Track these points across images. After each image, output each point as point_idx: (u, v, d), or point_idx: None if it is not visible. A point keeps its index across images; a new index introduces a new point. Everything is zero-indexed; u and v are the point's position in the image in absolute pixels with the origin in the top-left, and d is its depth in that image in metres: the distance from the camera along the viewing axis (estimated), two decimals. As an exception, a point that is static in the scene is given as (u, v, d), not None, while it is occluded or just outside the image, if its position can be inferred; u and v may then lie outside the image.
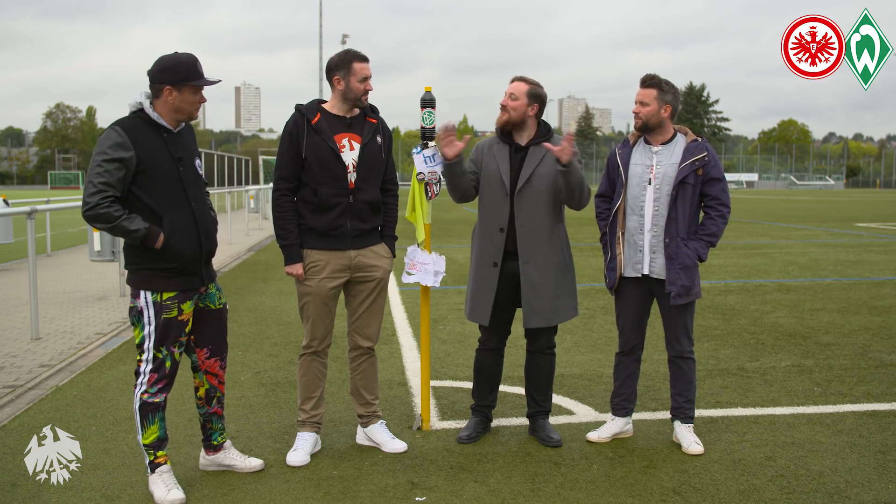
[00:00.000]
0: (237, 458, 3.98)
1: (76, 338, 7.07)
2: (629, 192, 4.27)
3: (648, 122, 4.20)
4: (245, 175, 32.16)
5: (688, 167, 4.14)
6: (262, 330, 7.39)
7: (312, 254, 4.12)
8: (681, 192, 4.16)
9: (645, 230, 4.23)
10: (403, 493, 3.72)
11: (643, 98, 4.20)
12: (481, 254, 4.33)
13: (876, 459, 4.11)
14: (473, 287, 4.37)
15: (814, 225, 22.55)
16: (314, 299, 4.13)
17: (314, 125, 4.06)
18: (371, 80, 4.11)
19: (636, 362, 4.45)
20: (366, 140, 4.13)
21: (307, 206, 4.10)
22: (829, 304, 8.79)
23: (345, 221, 4.09)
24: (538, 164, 4.26)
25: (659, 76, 4.23)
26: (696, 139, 4.25)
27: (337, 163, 4.05)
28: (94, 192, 3.43)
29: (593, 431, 4.42)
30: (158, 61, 3.58)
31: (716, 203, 4.22)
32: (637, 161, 4.28)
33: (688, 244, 4.18)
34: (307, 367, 4.23)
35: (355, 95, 4.08)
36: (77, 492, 3.71)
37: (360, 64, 4.07)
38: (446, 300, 8.94)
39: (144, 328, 3.61)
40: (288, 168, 4.09)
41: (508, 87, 4.30)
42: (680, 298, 4.17)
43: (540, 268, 4.27)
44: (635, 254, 4.27)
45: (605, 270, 4.42)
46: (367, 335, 4.30)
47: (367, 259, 4.18)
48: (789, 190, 79.29)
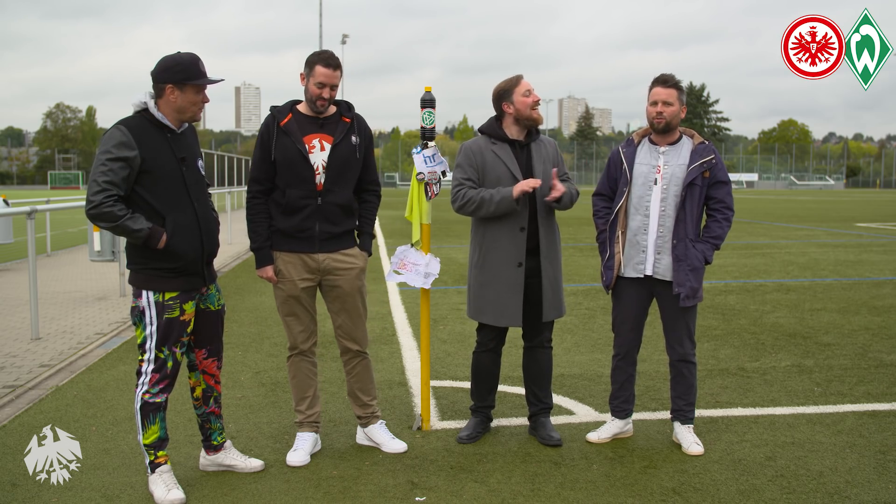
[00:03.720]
0: (237, 459, 3.98)
1: (76, 338, 7.08)
2: (633, 192, 4.24)
3: (672, 122, 4.14)
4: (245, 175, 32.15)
5: (696, 169, 4.12)
6: (262, 330, 7.39)
7: (282, 256, 4.09)
8: (689, 193, 4.13)
9: (650, 230, 4.20)
10: (403, 493, 3.72)
11: (667, 98, 4.12)
12: (503, 255, 4.25)
13: (876, 459, 4.11)
14: (498, 290, 4.25)
15: (814, 225, 22.55)
16: (288, 301, 4.12)
17: (283, 127, 4.02)
18: (333, 89, 3.98)
19: (632, 365, 4.43)
20: (337, 140, 4.06)
21: (277, 207, 4.08)
22: (829, 304, 8.79)
23: (313, 224, 4.05)
24: (542, 161, 4.30)
25: (675, 76, 4.19)
26: (703, 142, 4.22)
27: (304, 164, 4.00)
28: (97, 190, 3.43)
29: (593, 432, 4.42)
30: (161, 61, 3.59)
31: (721, 206, 4.21)
32: (642, 160, 4.24)
33: (696, 246, 4.16)
34: (296, 367, 4.23)
35: (310, 97, 4.00)
36: (77, 492, 3.72)
37: (323, 69, 3.95)
38: (446, 300, 8.93)
39: (146, 328, 3.61)
40: (260, 170, 4.06)
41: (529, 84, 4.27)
42: (689, 300, 4.15)
43: (554, 263, 4.34)
44: (637, 254, 4.24)
45: (602, 269, 4.38)
46: (354, 338, 4.26)
47: (337, 263, 4.12)
48: (789, 190, 79.28)
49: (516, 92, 4.23)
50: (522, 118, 4.25)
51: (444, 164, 4.48)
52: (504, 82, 4.30)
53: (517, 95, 4.23)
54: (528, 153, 4.31)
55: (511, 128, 4.30)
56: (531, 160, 4.29)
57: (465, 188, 4.25)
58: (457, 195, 4.28)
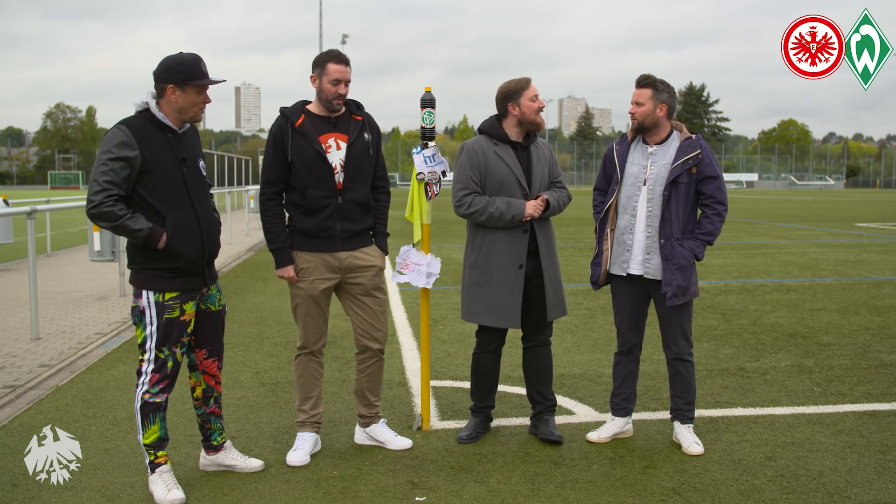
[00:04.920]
0: (237, 459, 3.98)
1: (76, 338, 7.08)
2: (623, 191, 4.28)
3: (644, 122, 4.20)
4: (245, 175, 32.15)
5: (679, 167, 4.13)
6: (262, 330, 7.39)
7: (302, 255, 4.10)
8: (673, 192, 4.15)
9: (637, 230, 4.22)
10: (403, 493, 3.72)
11: (638, 98, 4.20)
12: (503, 257, 4.25)
13: (876, 459, 4.11)
14: (499, 292, 4.26)
15: (814, 225, 22.55)
16: (306, 301, 4.12)
17: (298, 128, 4.03)
18: (347, 85, 4.01)
19: (635, 362, 4.45)
20: (352, 139, 4.09)
21: (296, 208, 4.08)
22: (829, 304, 8.79)
23: (334, 223, 4.07)
24: (541, 164, 4.33)
25: (654, 76, 4.22)
26: (689, 136, 4.22)
27: (323, 164, 4.02)
28: (98, 190, 3.43)
29: (593, 432, 4.42)
30: (163, 61, 3.59)
31: (711, 202, 4.20)
32: (633, 160, 4.28)
33: (683, 244, 4.16)
34: (304, 367, 4.23)
35: (326, 97, 4.02)
36: (77, 492, 3.72)
37: (335, 65, 3.99)
38: (446, 300, 8.93)
39: (146, 328, 3.61)
40: (274, 172, 4.07)
41: (536, 90, 4.28)
42: (676, 299, 4.16)
43: (554, 262, 4.37)
44: (623, 252, 4.27)
45: (591, 265, 4.44)
46: (376, 337, 4.27)
47: (358, 261, 4.15)
48: (789, 190, 79.29)
49: (524, 95, 4.23)
50: (526, 122, 4.25)
51: (444, 163, 4.49)
52: (513, 83, 4.27)
53: (525, 99, 4.22)
54: (529, 156, 4.32)
55: (512, 129, 4.30)
56: (531, 163, 4.30)
57: (472, 195, 4.23)
58: (462, 201, 4.25)
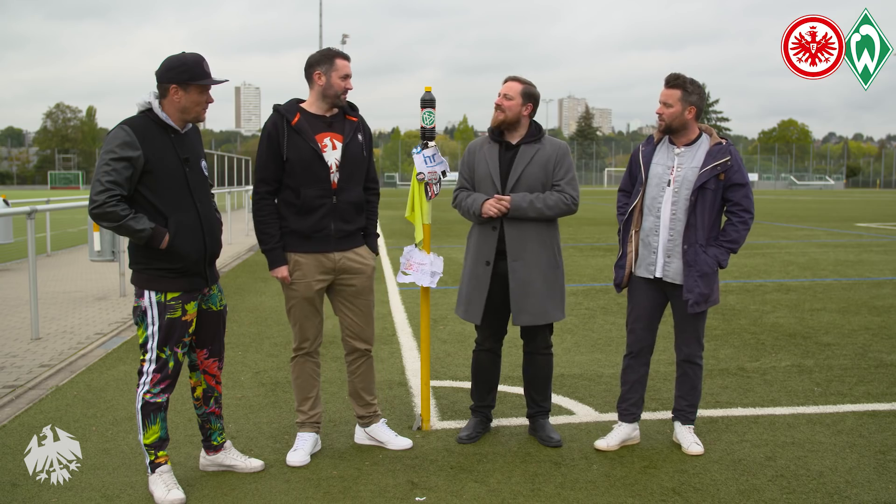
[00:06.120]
0: (238, 459, 3.98)
1: (76, 338, 7.08)
2: (648, 192, 4.20)
3: (672, 123, 4.11)
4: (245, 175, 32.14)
5: (708, 172, 4.03)
6: (262, 330, 7.39)
7: (296, 256, 4.09)
8: (700, 197, 4.05)
9: (661, 232, 4.15)
10: (403, 493, 3.72)
11: (667, 99, 4.09)
12: (476, 253, 4.34)
13: (876, 459, 4.11)
14: (468, 287, 4.36)
15: (814, 225, 22.55)
16: (301, 302, 4.12)
17: (294, 126, 4.01)
18: (351, 80, 4.07)
19: (645, 366, 4.37)
20: (347, 139, 4.09)
21: (290, 208, 4.06)
22: (829, 304, 8.79)
23: (329, 223, 4.06)
24: (528, 164, 4.24)
25: (684, 76, 4.11)
26: (720, 142, 4.11)
27: (319, 163, 4.01)
28: (101, 190, 3.43)
29: (601, 439, 4.31)
30: (165, 61, 3.59)
31: (738, 209, 4.10)
32: (659, 161, 4.20)
33: (707, 251, 4.07)
34: (300, 368, 4.23)
35: (335, 92, 4.03)
36: (77, 492, 3.72)
37: (342, 61, 4.05)
38: (446, 300, 8.93)
39: (148, 328, 3.62)
40: (268, 171, 4.04)
41: (502, 87, 4.29)
42: (698, 307, 4.08)
43: (529, 266, 4.24)
44: (649, 255, 4.20)
45: (615, 267, 4.37)
46: (364, 338, 4.27)
47: (351, 262, 4.14)
48: (789, 190, 79.26)
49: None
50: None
51: (444, 164, 4.49)
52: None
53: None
54: (514, 155, 4.29)
55: (513, 133, 4.32)
56: (512, 163, 4.26)
57: (461, 190, 4.40)
58: (454, 196, 4.44)
